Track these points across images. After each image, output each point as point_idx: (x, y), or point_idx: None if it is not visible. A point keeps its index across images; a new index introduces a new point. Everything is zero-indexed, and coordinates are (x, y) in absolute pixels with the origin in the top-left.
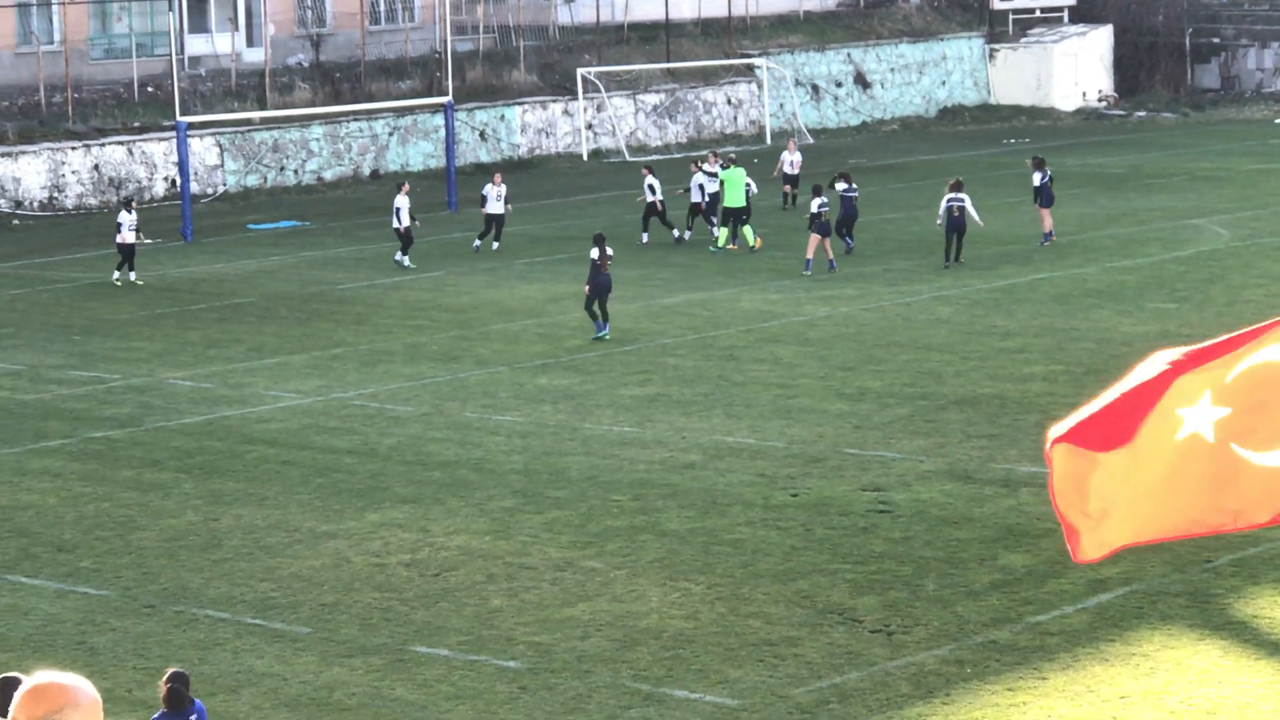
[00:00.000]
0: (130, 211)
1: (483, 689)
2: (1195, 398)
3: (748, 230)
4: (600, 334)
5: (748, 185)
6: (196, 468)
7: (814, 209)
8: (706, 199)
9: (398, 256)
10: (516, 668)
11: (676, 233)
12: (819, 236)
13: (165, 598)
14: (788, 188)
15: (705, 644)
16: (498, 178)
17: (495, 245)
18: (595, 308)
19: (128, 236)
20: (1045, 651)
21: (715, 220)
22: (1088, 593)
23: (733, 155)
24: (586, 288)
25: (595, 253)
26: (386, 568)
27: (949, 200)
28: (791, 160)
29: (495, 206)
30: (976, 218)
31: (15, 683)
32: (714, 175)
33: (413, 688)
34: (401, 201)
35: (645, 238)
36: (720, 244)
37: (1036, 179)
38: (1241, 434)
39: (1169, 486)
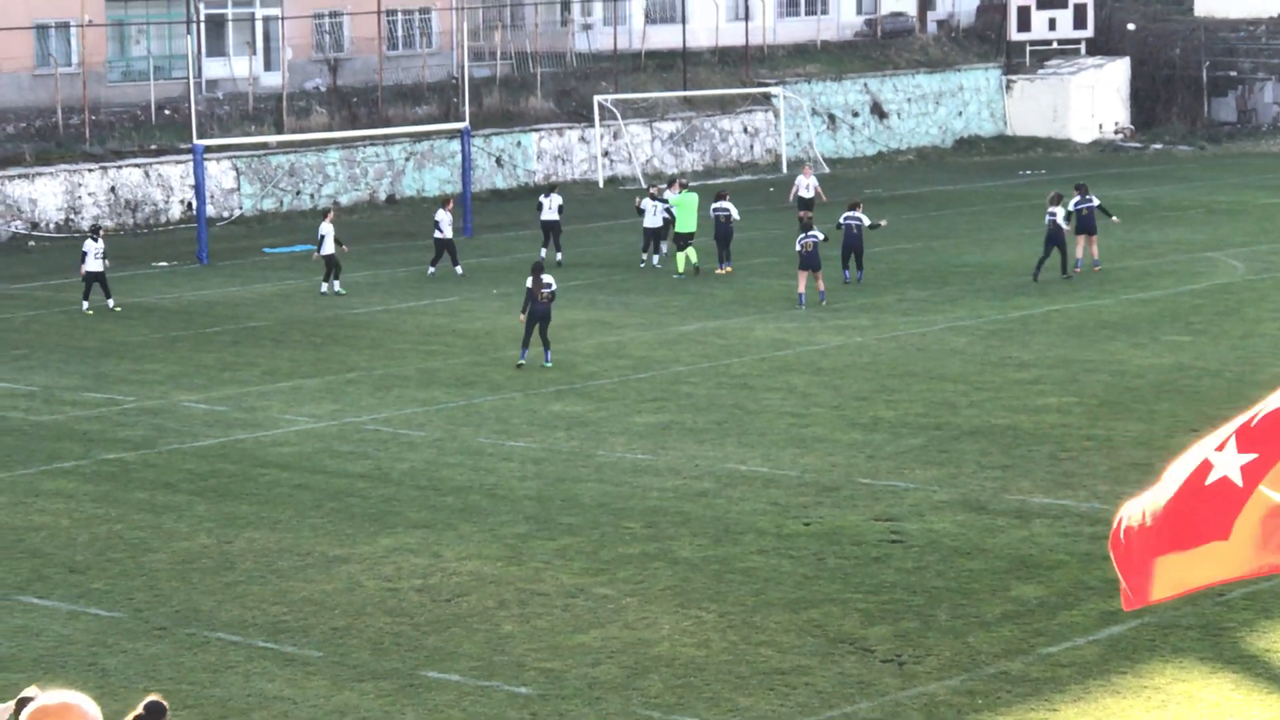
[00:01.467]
0: (97, 239)
1: (493, 715)
2: (1223, 443)
3: (689, 253)
4: (521, 361)
5: (728, 212)
6: (209, 490)
7: (797, 245)
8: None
9: (325, 287)
10: (527, 694)
11: (560, 256)
12: (804, 271)
13: (177, 620)
14: (803, 213)
15: (716, 672)
16: (450, 204)
17: (430, 270)
18: (535, 335)
19: (93, 264)
20: (1057, 683)
21: (664, 247)
22: (1100, 625)
23: (685, 181)
24: (521, 316)
25: (530, 281)
26: (398, 592)
27: (1048, 214)
28: (807, 184)
29: (447, 232)
30: (1064, 226)
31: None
32: (664, 201)
33: (423, 713)
34: (326, 229)
35: (559, 256)
36: (680, 269)
37: (1072, 204)
38: (1270, 477)
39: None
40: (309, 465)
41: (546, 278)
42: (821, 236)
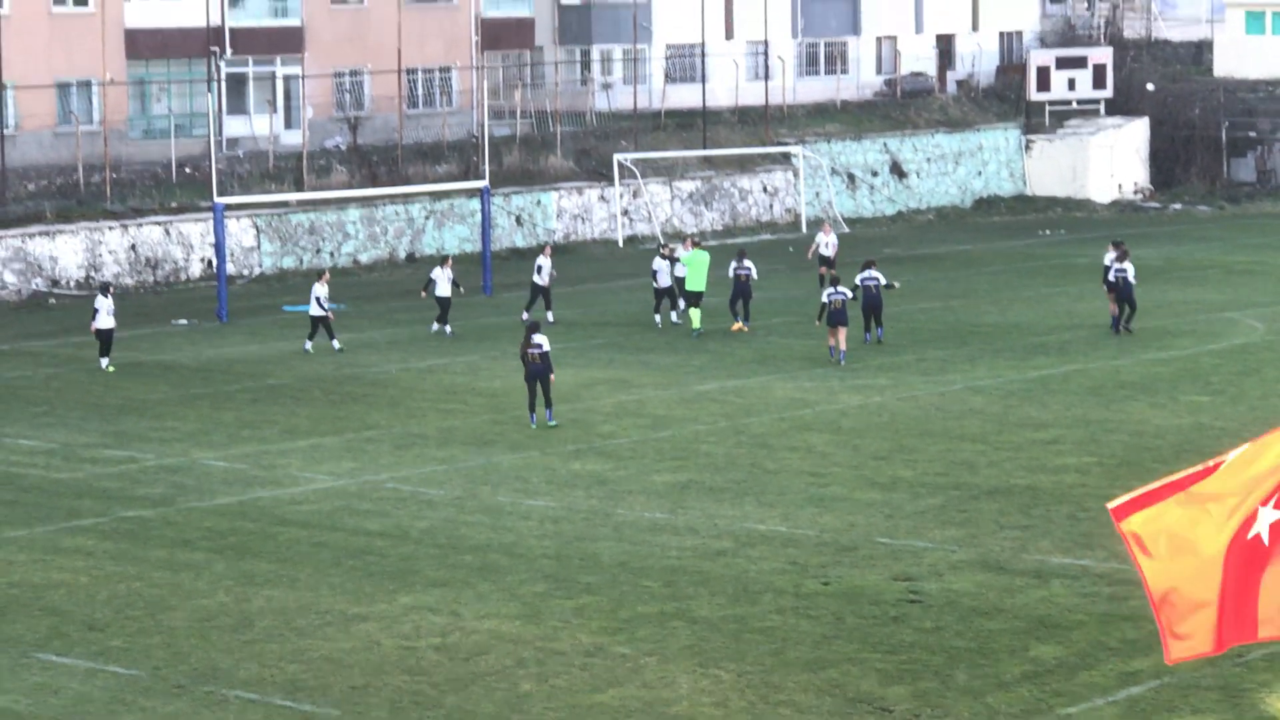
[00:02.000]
0: (108, 296)
1: None
2: (1271, 497)
3: (695, 313)
4: (533, 424)
5: (749, 270)
6: (228, 548)
7: (823, 298)
8: (670, 283)
9: (308, 345)
10: None
11: (550, 316)
12: (830, 326)
13: (195, 678)
14: (824, 269)
15: None
16: (448, 261)
17: (447, 329)
18: (536, 398)
19: (105, 321)
20: None
21: (681, 303)
22: (1119, 685)
23: (697, 240)
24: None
25: (521, 342)
26: (417, 651)
27: (1116, 271)
28: (827, 242)
29: (444, 289)
30: (1134, 281)
31: None
32: (676, 260)
33: None
34: (320, 290)
35: (550, 316)
36: (695, 325)
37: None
38: None
39: (1249, 589)
40: (328, 523)
41: (537, 338)
42: (849, 295)
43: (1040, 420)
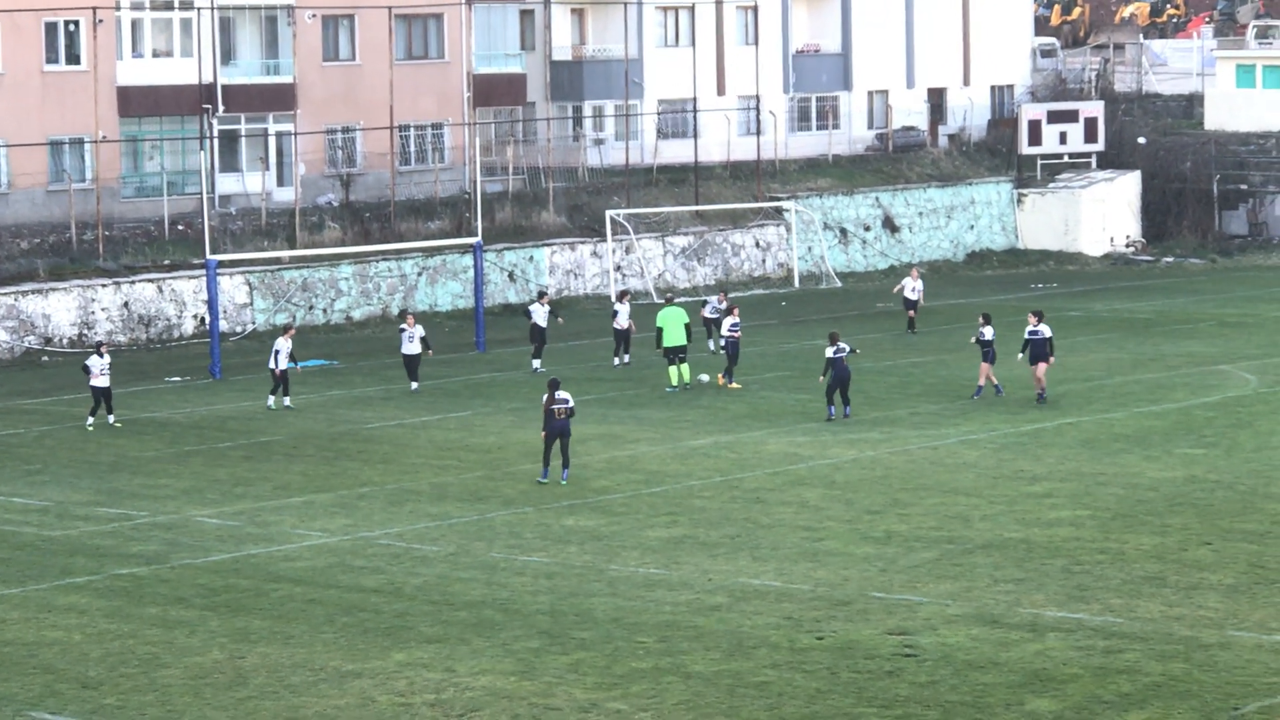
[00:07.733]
0: (102, 355)
1: None
2: None
3: (682, 369)
4: (543, 480)
5: (734, 327)
6: (222, 605)
7: (987, 336)
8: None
9: (270, 402)
10: None
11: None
12: (987, 365)
13: None
14: (911, 313)
15: None
16: (410, 320)
17: (414, 386)
18: (552, 453)
19: (99, 380)
20: None
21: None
22: None
23: (669, 295)
24: (544, 433)
25: (545, 398)
26: (411, 707)
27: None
28: (913, 286)
29: (410, 347)
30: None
31: None
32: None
33: None
34: (281, 344)
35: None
36: (674, 383)
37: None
38: None
39: None
40: (322, 580)
41: (561, 394)
42: (988, 337)
43: (1034, 473)
